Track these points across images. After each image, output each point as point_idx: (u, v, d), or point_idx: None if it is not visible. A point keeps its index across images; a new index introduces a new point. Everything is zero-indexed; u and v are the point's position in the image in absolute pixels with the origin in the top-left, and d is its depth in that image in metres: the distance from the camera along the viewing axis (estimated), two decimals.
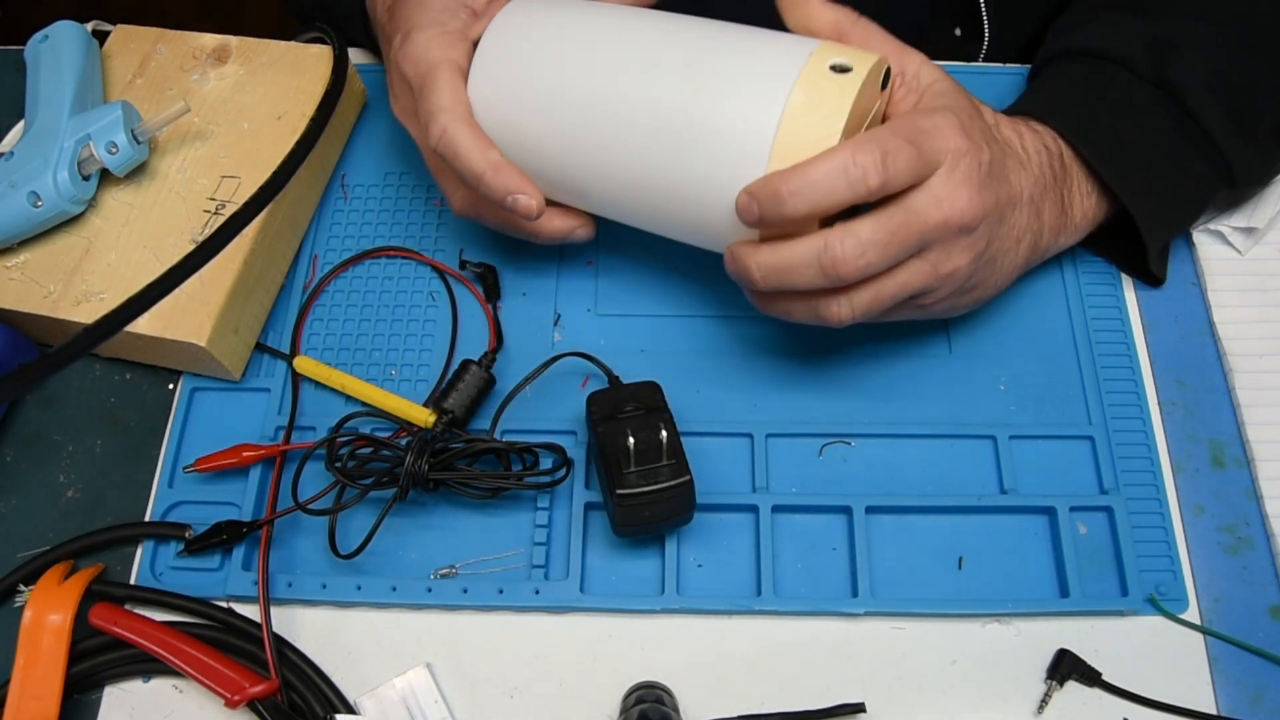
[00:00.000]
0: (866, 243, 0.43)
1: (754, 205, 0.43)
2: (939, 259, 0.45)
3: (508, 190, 0.48)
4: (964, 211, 0.44)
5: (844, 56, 0.44)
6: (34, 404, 0.55)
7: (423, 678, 0.47)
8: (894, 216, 0.43)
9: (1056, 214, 0.51)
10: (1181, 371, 0.54)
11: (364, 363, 0.55)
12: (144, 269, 0.53)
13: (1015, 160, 0.48)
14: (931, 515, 0.51)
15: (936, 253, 0.45)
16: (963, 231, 0.45)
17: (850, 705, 0.46)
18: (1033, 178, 0.49)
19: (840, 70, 0.43)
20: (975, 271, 0.47)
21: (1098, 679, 0.47)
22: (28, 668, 0.46)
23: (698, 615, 0.49)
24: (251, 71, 0.59)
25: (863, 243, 0.43)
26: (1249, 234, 0.57)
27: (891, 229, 0.43)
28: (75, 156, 0.52)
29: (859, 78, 0.43)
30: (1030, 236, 0.50)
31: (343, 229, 0.59)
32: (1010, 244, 0.49)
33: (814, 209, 0.42)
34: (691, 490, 0.47)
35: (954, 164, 0.44)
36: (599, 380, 0.53)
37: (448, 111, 0.48)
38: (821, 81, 0.43)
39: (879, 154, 0.41)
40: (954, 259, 0.45)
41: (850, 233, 0.43)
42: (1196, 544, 0.50)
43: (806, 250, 0.43)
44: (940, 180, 0.44)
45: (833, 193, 0.42)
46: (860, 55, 0.44)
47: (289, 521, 0.51)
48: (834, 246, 0.43)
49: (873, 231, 0.43)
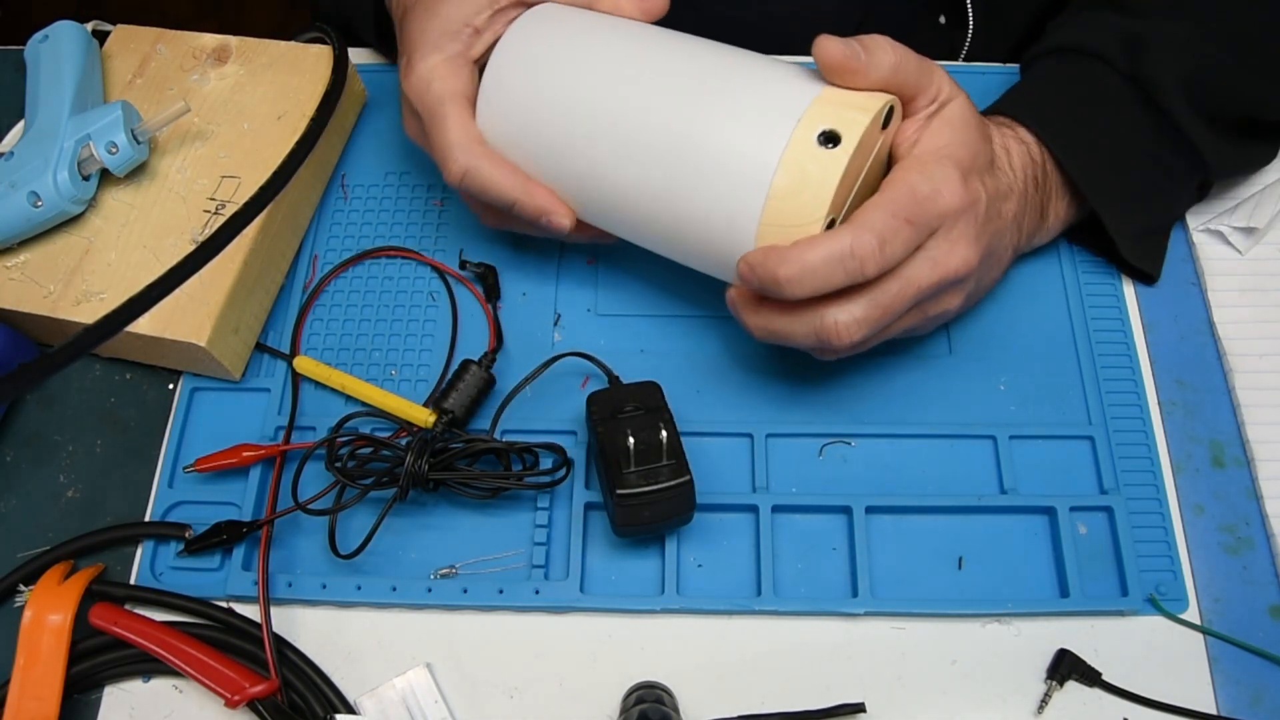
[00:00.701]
0: (861, 321, 0.44)
1: (753, 278, 0.44)
2: (930, 306, 0.47)
3: (541, 212, 0.50)
4: (958, 270, 0.45)
5: (835, 120, 0.43)
6: (34, 404, 0.55)
7: (423, 678, 0.47)
8: (889, 290, 0.44)
9: (1035, 221, 0.52)
10: (1181, 371, 0.54)
11: (364, 363, 0.55)
12: (144, 269, 0.53)
13: (1006, 186, 0.49)
14: (931, 515, 0.51)
15: (929, 303, 0.46)
16: (956, 283, 0.46)
17: (850, 705, 0.46)
18: (1017, 197, 0.50)
19: (829, 139, 0.43)
20: (963, 305, 0.48)
21: (1098, 679, 0.47)
22: (28, 668, 0.46)
23: (698, 615, 0.49)
24: (251, 71, 0.59)
25: (857, 320, 0.44)
26: (1249, 234, 0.57)
27: (885, 304, 0.44)
28: (75, 156, 0.52)
29: (846, 152, 0.42)
30: (1012, 252, 0.51)
31: (343, 229, 0.59)
32: (994, 267, 0.50)
33: (811, 294, 0.43)
34: (691, 490, 0.47)
35: (951, 225, 0.44)
36: (599, 380, 0.53)
37: (463, 149, 0.49)
38: (806, 163, 0.43)
39: (876, 242, 0.42)
40: (944, 303, 0.47)
41: (845, 310, 0.44)
42: (1196, 544, 0.50)
43: (804, 325, 0.44)
44: (937, 242, 0.44)
45: (830, 281, 0.42)
46: (855, 115, 0.43)
47: (289, 521, 0.51)
48: (829, 324, 0.44)
49: (866, 309, 0.44)
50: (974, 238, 0.45)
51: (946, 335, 0.55)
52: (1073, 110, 0.53)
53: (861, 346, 0.46)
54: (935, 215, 0.43)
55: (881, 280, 0.43)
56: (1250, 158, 0.57)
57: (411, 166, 0.61)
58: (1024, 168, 0.51)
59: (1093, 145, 0.52)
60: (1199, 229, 0.58)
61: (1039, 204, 0.52)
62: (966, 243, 0.44)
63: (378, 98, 0.64)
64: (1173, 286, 0.57)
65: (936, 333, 0.55)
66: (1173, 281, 0.57)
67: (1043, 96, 0.54)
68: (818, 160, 0.43)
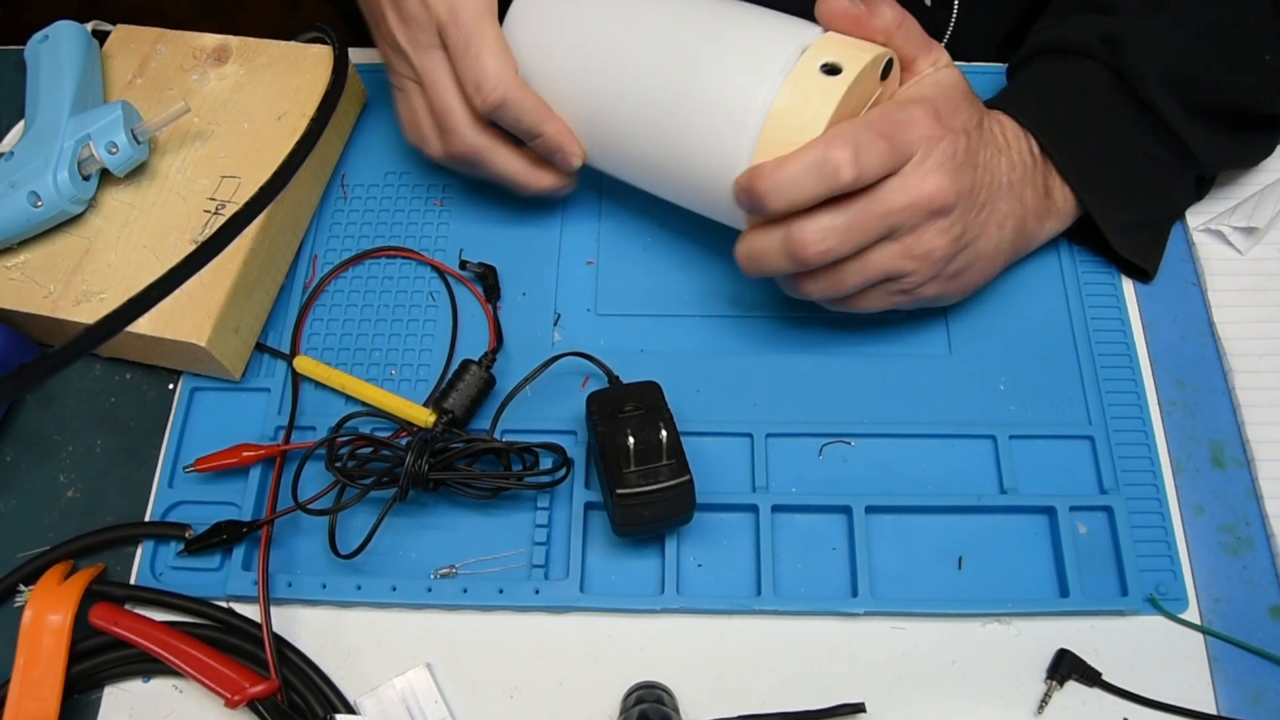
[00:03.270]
0: (827, 228, 0.45)
1: (743, 197, 0.45)
2: (911, 242, 0.47)
3: (559, 147, 0.51)
4: (933, 195, 0.45)
5: (838, 55, 0.45)
6: (34, 404, 0.55)
7: (423, 678, 0.47)
8: (856, 202, 0.45)
9: (1039, 198, 0.52)
10: (1181, 371, 0.54)
11: (364, 363, 0.55)
12: (144, 269, 0.53)
13: (994, 148, 0.49)
14: (931, 515, 0.51)
15: (908, 236, 0.46)
16: (934, 214, 0.46)
17: (850, 705, 0.46)
18: (1010, 163, 0.50)
19: (830, 71, 0.44)
20: (956, 255, 0.48)
21: (1098, 679, 0.47)
22: (28, 668, 0.46)
23: (698, 615, 0.49)
24: (251, 71, 0.59)
25: (823, 229, 0.45)
26: (1249, 234, 0.57)
27: (852, 214, 0.45)
28: (75, 156, 0.52)
29: (846, 80, 0.44)
30: (1013, 221, 0.51)
31: (343, 229, 0.59)
32: (993, 229, 0.50)
33: (791, 204, 0.44)
34: (691, 490, 0.47)
35: (926, 152, 0.45)
36: (599, 380, 0.53)
37: (502, 76, 0.49)
38: (808, 84, 0.44)
39: (851, 149, 0.43)
40: (926, 240, 0.47)
41: (812, 219, 0.45)
42: (1196, 544, 0.50)
43: (774, 238, 0.46)
44: (911, 168, 0.45)
45: (807, 188, 0.43)
46: (856, 53, 0.45)
47: (289, 521, 0.51)
48: (795, 233, 0.45)
49: (833, 217, 0.45)
50: (951, 171, 0.46)
51: (946, 335, 0.55)
52: (1058, 103, 0.53)
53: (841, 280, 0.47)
54: (911, 138, 0.45)
55: (853, 195, 0.45)
56: (1246, 150, 0.57)
57: (411, 166, 0.61)
58: (1016, 139, 0.51)
59: (1078, 136, 0.52)
60: (1199, 229, 0.58)
61: (1040, 181, 0.52)
62: (941, 173, 0.45)
63: (378, 98, 0.64)
64: (1173, 286, 0.57)
65: (936, 332, 0.55)
66: (1173, 281, 0.57)
67: (1030, 91, 0.54)
68: (820, 85, 0.44)
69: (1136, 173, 0.54)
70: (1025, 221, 0.52)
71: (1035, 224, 0.53)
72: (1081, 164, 0.52)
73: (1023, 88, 0.55)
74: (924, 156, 0.45)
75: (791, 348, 0.55)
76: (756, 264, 0.47)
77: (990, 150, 0.49)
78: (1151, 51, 0.52)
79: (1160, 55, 0.52)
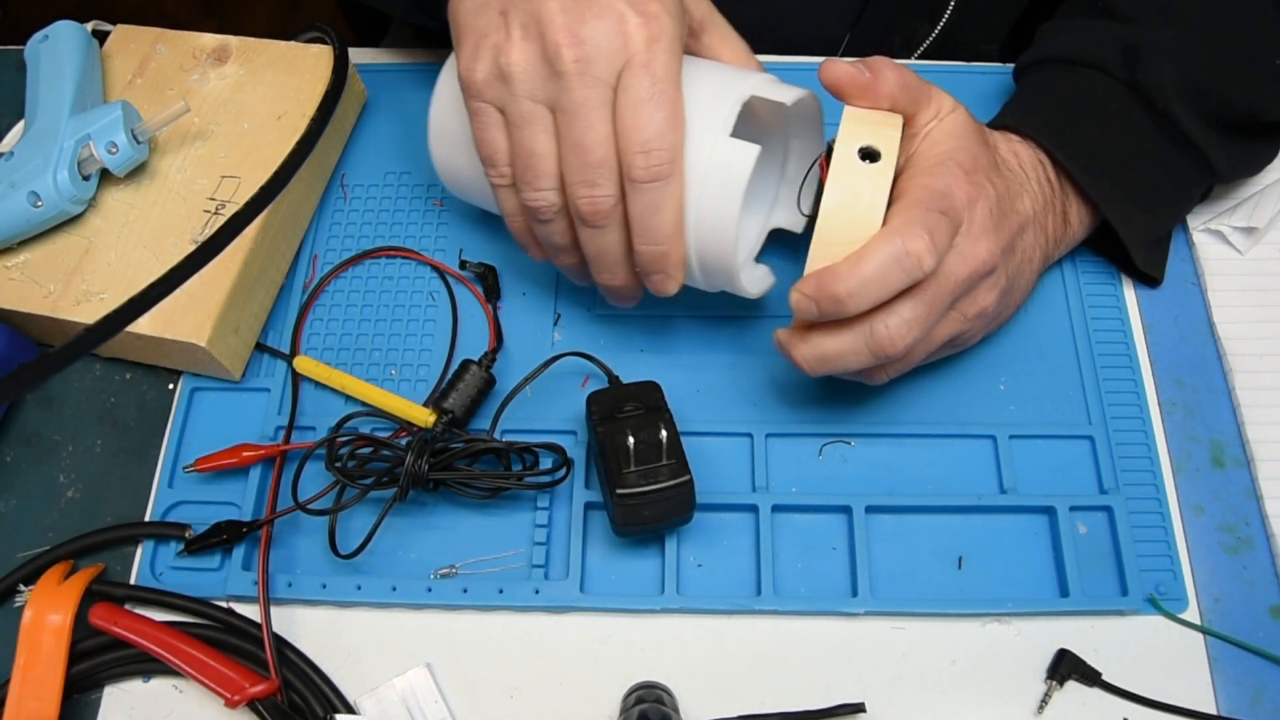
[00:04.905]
0: (910, 321, 0.43)
1: (813, 306, 0.43)
2: (967, 306, 0.47)
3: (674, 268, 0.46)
4: (985, 260, 0.45)
5: (867, 138, 0.44)
6: (34, 404, 0.55)
7: (423, 678, 0.47)
8: (928, 287, 0.44)
9: (1059, 225, 0.52)
10: (1181, 371, 0.54)
11: (364, 363, 0.55)
12: (144, 269, 0.53)
13: (1018, 185, 0.49)
14: (931, 515, 0.51)
15: (964, 301, 0.46)
16: (985, 276, 0.46)
17: (850, 705, 0.46)
18: (1033, 196, 0.50)
19: (868, 157, 0.44)
20: (999, 303, 0.48)
21: (1098, 679, 0.47)
22: (28, 668, 0.46)
23: (698, 615, 0.49)
24: (251, 71, 0.59)
25: (906, 321, 0.43)
26: (1249, 234, 0.57)
27: (928, 300, 0.44)
28: (75, 156, 0.52)
29: (890, 164, 0.43)
30: (1040, 252, 0.51)
31: (343, 229, 0.59)
32: (1025, 265, 0.50)
33: (874, 303, 0.42)
34: (691, 490, 0.47)
35: (970, 217, 0.45)
36: (599, 380, 0.53)
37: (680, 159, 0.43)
38: (853, 176, 0.43)
39: (926, 236, 0.42)
40: (980, 301, 0.47)
41: (893, 314, 0.43)
42: (1196, 544, 0.50)
43: (855, 339, 0.44)
44: (962, 237, 0.44)
45: (890, 284, 0.42)
46: (884, 130, 0.44)
47: (289, 521, 0.51)
48: (880, 331, 0.43)
49: (913, 309, 0.43)
50: (993, 229, 0.45)
51: None
52: (1077, 121, 0.52)
53: (911, 359, 0.46)
54: (959, 207, 0.44)
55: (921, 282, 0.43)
56: (1258, 159, 0.57)
57: (412, 166, 0.61)
58: (1034, 167, 0.51)
59: (1100, 154, 0.52)
60: (1199, 229, 0.58)
61: (1060, 207, 0.52)
62: (987, 235, 0.45)
63: (378, 98, 0.64)
64: (1173, 286, 0.57)
65: None
66: (1173, 281, 0.57)
67: (1045, 108, 0.53)
68: (865, 175, 0.43)
69: (1158, 186, 0.53)
70: (1048, 250, 0.52)
71: (1054, 249, 0.53)
72: (1104, 182, 0.52)
73: (1036, 102, 0.54)
74: (969, 222, 0.44)
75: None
76: (830, 365, 0.45)
77: (1015, 189, 0.49)
78: (1168, 62, 0.51)
79: (1177, 65, 0.51)
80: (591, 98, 0.42)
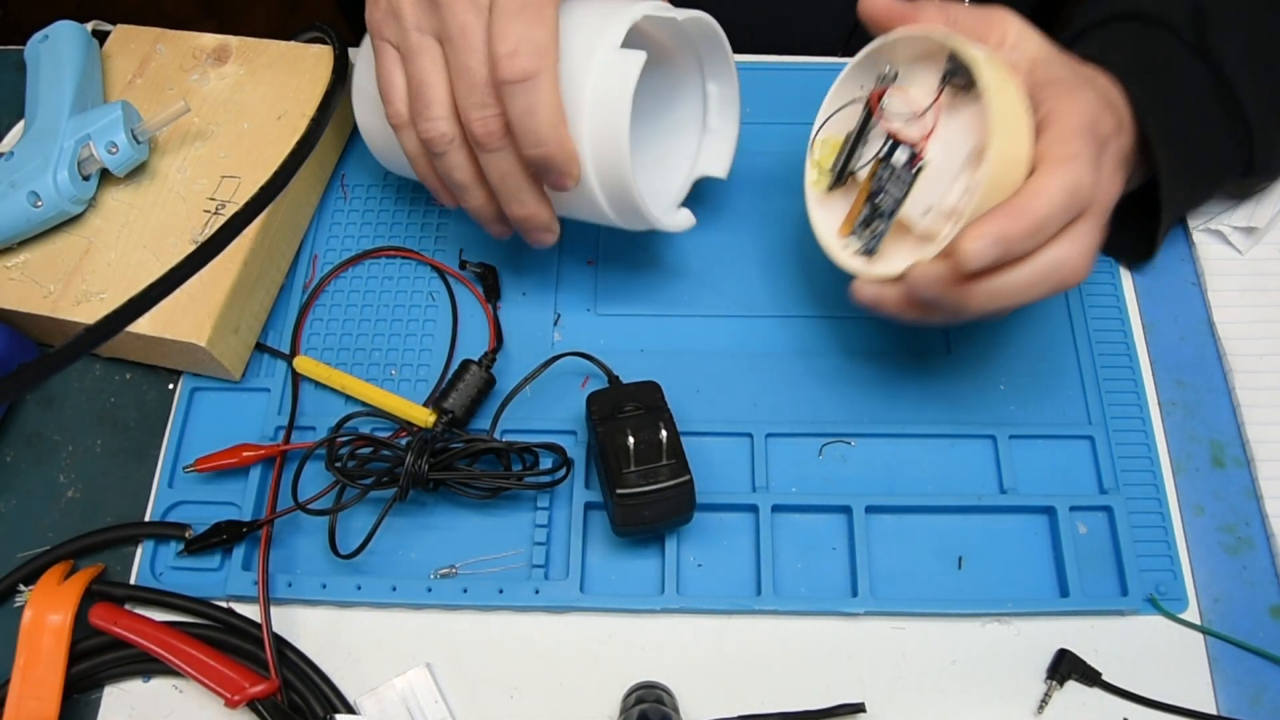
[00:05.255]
0: (1089, 249, 0.42)
1: (996, 249, 0.41)
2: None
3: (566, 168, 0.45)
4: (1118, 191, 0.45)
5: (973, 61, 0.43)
6: (34, 404, 0.55)
7: (423, 678, 0.47)
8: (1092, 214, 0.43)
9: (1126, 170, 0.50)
10: (1181, 371, 0.54)
11: (364, 363, 0.55)
12: (144, 269, 0.53)
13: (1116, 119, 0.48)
14: (931, 515, 0.51)
15: None
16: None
17: (850, 705, 0.46)
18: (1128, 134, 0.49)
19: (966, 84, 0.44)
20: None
21: (1098, 679, 0.47)
22: (28, 668, 0.46)
23: (698, 615, 0.49)
24: (251, 71, 0.59)
25: (1085, 249, 0.42)
26: (1249, 234, 0.57)
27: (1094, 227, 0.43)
28: (75, 156, 0.52)
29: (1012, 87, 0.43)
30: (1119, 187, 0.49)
31: (343, 229, 0.59)
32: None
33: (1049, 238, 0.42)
34: (691, 490, 0.47)
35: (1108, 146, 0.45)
36: (599, 380, 0.53)
37: (545, 53, 0.43)
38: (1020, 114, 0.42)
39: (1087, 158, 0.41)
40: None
41: (1071, 244, 0.42)
42: (1196, 544, 0.50)
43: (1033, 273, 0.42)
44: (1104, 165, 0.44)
45: (1067, 218, 0.41)
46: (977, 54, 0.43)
47: (289, 521, 0.51)
48: (1066, 263, 0.42)
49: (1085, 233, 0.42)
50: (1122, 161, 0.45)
51: (946, 335, 0.55)
52: (1146, 75, 0.50)
53: None
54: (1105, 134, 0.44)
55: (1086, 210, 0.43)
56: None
57: None
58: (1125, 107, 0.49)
59: (1168, 116, 0.50)
60: (1199, 229, 0.58)
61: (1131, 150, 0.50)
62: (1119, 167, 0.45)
63: None
64: (1173, 286, 0.57)
65: (936, 332, 0.55)
66: (1173, 281, 0.57)
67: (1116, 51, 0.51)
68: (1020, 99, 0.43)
69: (1203, 162, 0.52)
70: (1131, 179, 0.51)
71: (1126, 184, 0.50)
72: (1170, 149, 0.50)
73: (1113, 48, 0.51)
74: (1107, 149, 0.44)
75: (791, 348, 0.55)
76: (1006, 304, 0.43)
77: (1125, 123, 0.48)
78: (1238, 30, 0.50)
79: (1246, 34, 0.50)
80: (471, 21, 0.43)
